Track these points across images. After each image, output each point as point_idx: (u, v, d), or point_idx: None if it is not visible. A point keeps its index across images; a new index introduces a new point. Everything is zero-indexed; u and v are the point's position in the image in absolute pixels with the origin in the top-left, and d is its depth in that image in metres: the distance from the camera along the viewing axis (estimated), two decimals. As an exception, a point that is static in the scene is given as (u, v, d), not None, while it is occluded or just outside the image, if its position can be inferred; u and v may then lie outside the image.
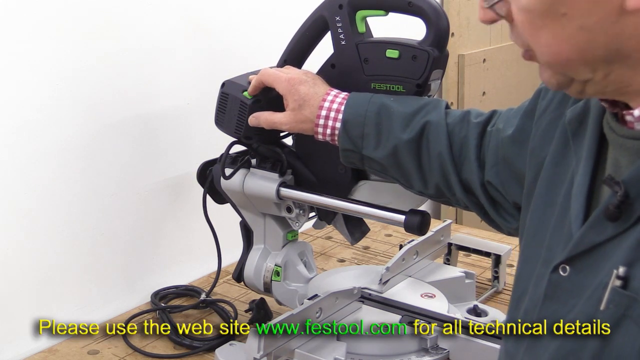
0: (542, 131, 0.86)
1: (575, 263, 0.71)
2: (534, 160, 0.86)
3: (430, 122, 1.03)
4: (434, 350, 1.12)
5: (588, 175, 0.73)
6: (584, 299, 0.69)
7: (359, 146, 1.06)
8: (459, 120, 1.03)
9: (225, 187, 1.24)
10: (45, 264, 1.27)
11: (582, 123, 0.77)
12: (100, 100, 1.31)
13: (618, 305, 0.65)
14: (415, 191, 1.08)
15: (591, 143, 0.74)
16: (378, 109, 1.05)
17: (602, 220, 0.68)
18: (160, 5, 1.37)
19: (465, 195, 1.02)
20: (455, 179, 1.02)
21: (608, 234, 0.68)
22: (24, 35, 1.19)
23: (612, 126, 0.71)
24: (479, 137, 1.01)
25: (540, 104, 0.89)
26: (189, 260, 1.50)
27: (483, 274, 1.48)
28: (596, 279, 0.68)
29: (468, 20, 2.27)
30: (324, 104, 1.08)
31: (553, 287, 0.73)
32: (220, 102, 1.19)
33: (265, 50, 1.22)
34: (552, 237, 0.76)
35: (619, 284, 0.65)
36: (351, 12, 1.12)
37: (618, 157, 0.70)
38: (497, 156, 0.98)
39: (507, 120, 0.98)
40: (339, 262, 1.57)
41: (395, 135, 1.04)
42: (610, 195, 0.67)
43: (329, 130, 1.08)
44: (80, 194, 1.30)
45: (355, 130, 1.06)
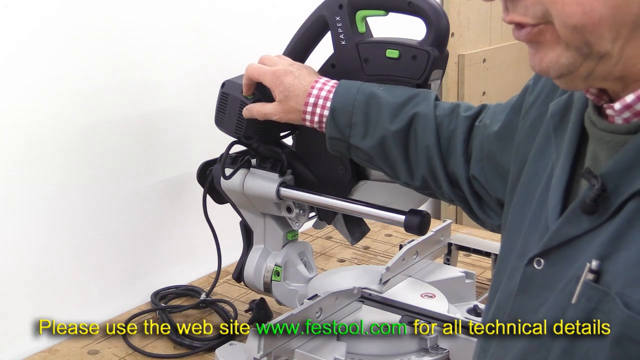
0: (528, 127, 0.85)
1: (549, 256, 0.70)
2: (519, 156, 0.85)
3: (419, 114, 1.02)
4: (434, 350, 1.12)
5: (567, 169, 0.73)
6: (556, 292, 0.68)
7: (346, 135, 1.06)
8: (448, 113, 1.03)
9: (225, 187, 1.24)
10: (45, 264, 1.27)
11: (564, 117, 0.76)
12: (100, 100, 1.31)
13: (589, 300, 0.64)
14: (401, 182, 1.08)
15: (572, 136, 0.73)
16: (367, 98, 1.05)
17: (578, 213, 0.67)
18: (160, 6, 1.37)
19: (451, 189, 1.02)
20: (442, 172, 1.01)
21: (584, 228, 0.67)
22: (24, 35, 1.19)
23: (593, 120, 0.70)
24: (467, 132, 1.01)
25: (527, 100, 0.88)
26: (189, 260, 1.50)
27: (483, 274, 1.48)
28: (569, 273, 0.67)
29: (468, 20, 2.27)
30: (313, 91, 1.08)
31: (527, 280, 0.72)
32: (220, 102, 1.19)
33: (265, 50, 1.22)
34: (528, 231, 0.76)
35: (591, 278, 0.64)
36: (351, 12, 1.12)
37: (597, 150, 0.70)
38: (482, 152, 0.98)
39: (494, 115, 0.98)
40: (339, 262, 1.57)
41: (383, 125, 1.04)
42: (587, 189, 0.67)
43: (316, 118, 1.08)
44: (80, 194, 1.30)
45: (343, 118, 1.05)
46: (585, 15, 0.61)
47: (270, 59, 1.15)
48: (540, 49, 0.66)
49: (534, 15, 0.64)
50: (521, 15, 0.65)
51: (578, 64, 0.64)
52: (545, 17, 0.63)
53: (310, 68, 1.14)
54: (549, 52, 0.65)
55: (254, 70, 1.13)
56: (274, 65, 1.13)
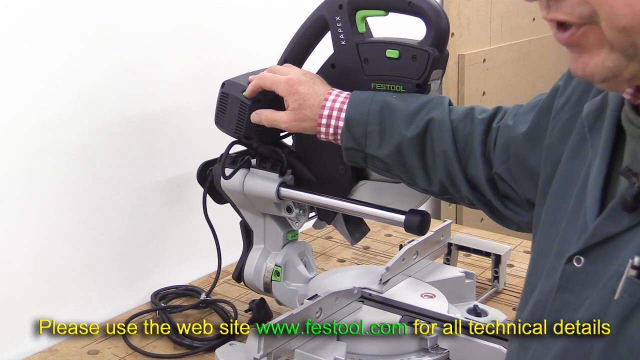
0: (560, 128, 0.85)
1: (589, 254, 0.71)
2: (551, 156, 0.85)
3: (434, 120, 1.03)
4: (434, 350, 1.12)
5: (604, 167, 0.73)
6: (597, 289, 0.69)
7: (363, 145, 1.06)
8: (463, 117, 1.03)
9: (225, 187, 1.24)
10: (45, 264, 1.27)
11: (599, 117, 0.76)
12: (100, 100, 1.31)
13: (632, 295, 0.65)
14: (419, 189, 1.08)
15: (608, 135, 0.73)
16: (381, 106, 1.05)
17: (618, 211, 0.67)
18: (160, 6, 1.37)
19: (471, 192, 1.02)
20: (461, 176, 1.02)
21: (624, 225, 0.67)
22: (24, 36, 1.19)
23: (631, 118, 0.70)
24: (484, 134, 1.01)
25: (558, 101, 0.88)
26: (189, 260, 1.50)
27: (483, 274, 1.48)
28: (610, 270, 0.68)
29: (468, 20, 2.27)
30: (326, 104, 1.08)
31: (567, 278, 0.72)
32: (220, 102, 1.19)
33: (265, 50, 1.22)
34: (566, 230, 0.76)
35: (634, 274, 0.65)
36: (351, 12, 1.12)
37: (636, 149, 0.70)
38: (507, 153, 0.97)
39: (518, 117, 0.98)
40: (339, 262, 1.57)
41: (398, 132, 1.04)
42: (627, 187, 0.67)
43: (331, 130, 1.08)
44: (80, 194, 1.30)
45: (359, 128, 1.06)
46: (636, 17, 0.59)
47: (281, 69, 1.15)
48: (583, 52, 0.64)
49: (580, 14, 0.62)
50: (566, 14, 0.63)
51: (623, 66, 0.63)
52: (591, 18, 0.62)
53: (321, 78, 1.14)
54: (594, 56, 0.63)
55: (266, 79, 1.13)
56: (286, 74, 1.12)
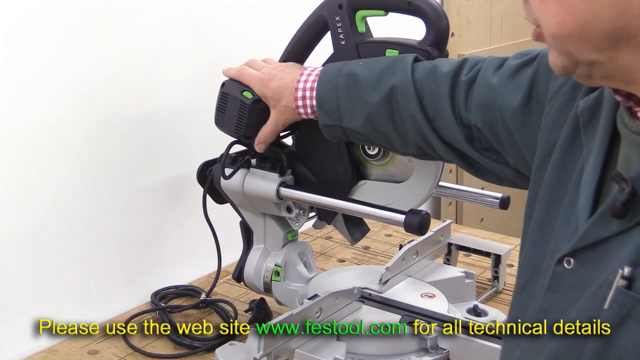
0: (555, 112, 0.84)
1: (579, 256, 0.70)
2: (545, 140, 0.84)
3: (396, 86, 1.02)
4: (434, 350, 1.12)
5: (598, 169, 0.72)
6: (587, 294, 0.68)
7: (337, 119, 1.07)
8: (427, 75, 1.01)
9: (225, 187, 1.24)
10: (45, 264, 1.27)
11: (594, 115, 0.75)
12: (100, 100, 1.31)
13: (622, 305, 0.65)
14: (400, 153, 1.09)
15: (603, 136, 0.73)
16: (346, 78, 1.06)
17: (607, 216, 0.67)
18: (160, 6, 1.37)
19: (448, 150, 1.01)
20: (433, 136, 1.00)
21: (613, 230, 0.67)
22: (24, 36, 1.18)
23: (626, 121, 0.70)
24: (451, 90, 0.99)
25: (554, 83, 0.86)
26: (189, 260, 1.50)
27: (483, 274, 1.48)
28: (600, 274, 0.67)
29: (468, 20, 2.27)
30: (299, 85, 1.09)
31: (557, 279, 0.72)
32: (220, 102, 1.19)
33: (265, 50, 1.22)
34: (559, 228, 0.76)
35: (623, 284, 0.64)
36: (351, 12, 1.12)
37: (629, 153, 0.69)
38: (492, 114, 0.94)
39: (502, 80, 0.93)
40: (339, 262, 1.56)
41: (365, 101, 1.04)
42: (618, 192, 0.67)
43: (309, 110, 1.10)
44: (80, 194, 1.30)
45: (330, 104, 1.07)
46: (559, 27, 0.64)
47: (257, 64, 1.17)
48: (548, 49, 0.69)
49: (534, 19, 0.68)
50: (527, 16, 0.69)
51: (572, 67, 0.67)
52: (537, 22, 0.67)
53: (295, 64, 1.15)
54: (552, 52, 0.68)
55: (245, 75, 1.16)
56: (260, 69, 1.15)
